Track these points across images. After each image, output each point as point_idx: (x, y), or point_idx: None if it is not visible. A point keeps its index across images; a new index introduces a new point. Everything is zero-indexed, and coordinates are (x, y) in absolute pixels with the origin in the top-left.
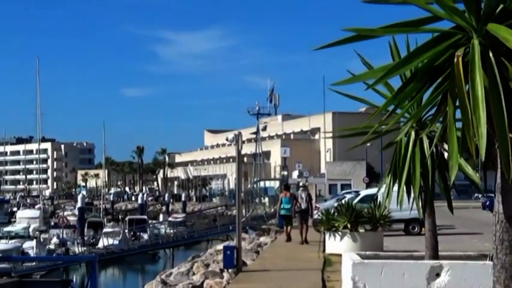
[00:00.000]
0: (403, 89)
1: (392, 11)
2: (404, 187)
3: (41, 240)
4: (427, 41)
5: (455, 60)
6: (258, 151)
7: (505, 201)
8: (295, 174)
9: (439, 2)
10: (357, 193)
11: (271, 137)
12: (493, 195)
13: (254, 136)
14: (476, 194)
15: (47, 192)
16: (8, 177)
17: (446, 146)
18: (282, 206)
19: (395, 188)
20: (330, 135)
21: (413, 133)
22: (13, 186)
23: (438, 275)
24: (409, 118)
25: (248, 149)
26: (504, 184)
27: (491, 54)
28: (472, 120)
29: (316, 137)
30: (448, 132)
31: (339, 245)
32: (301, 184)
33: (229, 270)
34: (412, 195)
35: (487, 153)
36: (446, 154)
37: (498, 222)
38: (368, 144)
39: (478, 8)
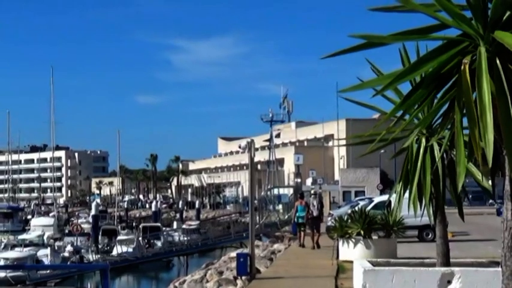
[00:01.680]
0: (410, 96)
1: (402, 17)
2: (416, 194)
3: (55, 248)
4: (434, 48)
5: (462, 67)
6: (271, 158)
7: None
8: (309, 181)
9: (446, 9)
10: (371, 200)
11: (284, 144)
12: None
13: (268, 143)
14: (490, 201)
15: (61, 200)
16: (23, 185)
17: None
18: (297, 214)
19: (407, 194)
20: (343, 142)
21: (423, 140)
22: (27, 194)
23: (449, 282)
24: (417, 125)
25: (262, 156)
26: None
27: (498, 61)
28: (479, 126)
29: (330, 144)
30: (456, 139)
31: (353, 251)
32: (312, 192)
33: (243, 278)
34: (423, 202)
35: (495, 160)
36: None
37: (506, 229)
38: (382, 151)
39: (485, 15)
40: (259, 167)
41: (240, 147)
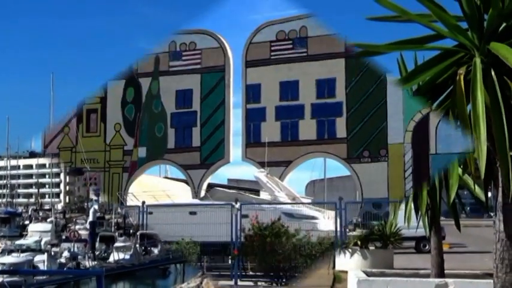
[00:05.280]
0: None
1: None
2: (412, 205)
3: (52, 253)
4: (429, 58)
5: (458, 77)
6: None
7: (506, 219)
8: None
9: (442, 20)
10: None
11: None
12: None
13: None
14: (489, 212)
15: (59, 206)
16: (21, 190)
17: None
18: None
19: (403, 206)
20: None
21: None
22: (25, 200)
23: None
24: None
25: None
26: (505, 202)
27: (493, 73)
28: (473, 137)
29: None
30: None
31: (349, 261)
32: None
33: None
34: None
35: (488, 172)
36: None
37: (499, 241)
38: None
39: (480, 26)
40: None
41: None
